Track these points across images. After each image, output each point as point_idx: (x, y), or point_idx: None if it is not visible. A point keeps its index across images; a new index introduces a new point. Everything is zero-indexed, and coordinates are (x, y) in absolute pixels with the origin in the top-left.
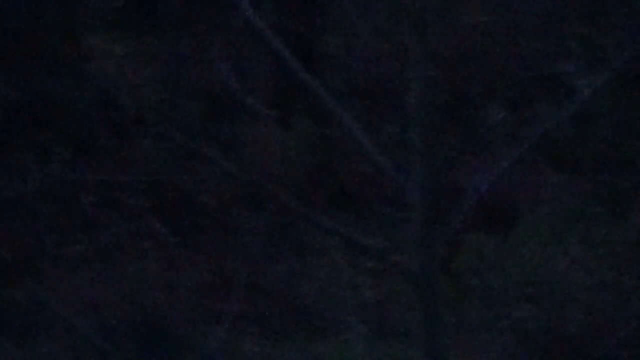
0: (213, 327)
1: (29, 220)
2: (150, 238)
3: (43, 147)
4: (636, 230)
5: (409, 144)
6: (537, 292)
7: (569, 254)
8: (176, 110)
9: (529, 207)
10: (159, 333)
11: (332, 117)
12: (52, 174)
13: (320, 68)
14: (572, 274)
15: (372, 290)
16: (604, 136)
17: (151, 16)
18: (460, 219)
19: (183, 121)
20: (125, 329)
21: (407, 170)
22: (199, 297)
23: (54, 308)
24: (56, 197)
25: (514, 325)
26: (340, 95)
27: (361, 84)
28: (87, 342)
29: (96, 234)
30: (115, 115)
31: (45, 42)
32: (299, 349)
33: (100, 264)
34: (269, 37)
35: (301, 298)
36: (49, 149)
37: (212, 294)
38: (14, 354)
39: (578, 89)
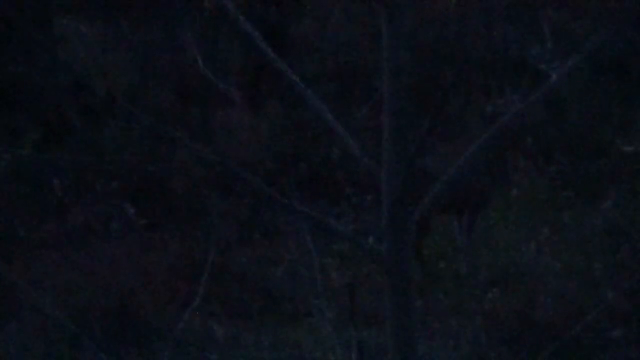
0: (182, 310)
1: None
2: (120, 221)
3: (13, 129)
4: (605, 216)
5: (380, 128)
6: (506, 276)
7: (538, 239)
8: (147, 94)
9: (498, 192)
10: (129, 315)
11: (303, 102)
12: (23, 155)
13: (292, 52)
14: (541, 258)
15: (341, 274)
16: (575, 121)
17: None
18: (430, 204)
19: (154, 105)
20: (95, 311)
21: (378, 155)
22: (169, 280)
23: (23, 291)
24: (26, 179)
25: (482, 309)
26: (312, 79)
27: (333, 68)
28: (56, 325)
29: (66, 217)
30: (85, 98)
31: (16, 25)
32: (267, 332)
33: (70, 246)
34: (240, 21)
35: (271, 281)
36: (19, 131)
37: (182, 277)
38: None
39: (548, 73)
